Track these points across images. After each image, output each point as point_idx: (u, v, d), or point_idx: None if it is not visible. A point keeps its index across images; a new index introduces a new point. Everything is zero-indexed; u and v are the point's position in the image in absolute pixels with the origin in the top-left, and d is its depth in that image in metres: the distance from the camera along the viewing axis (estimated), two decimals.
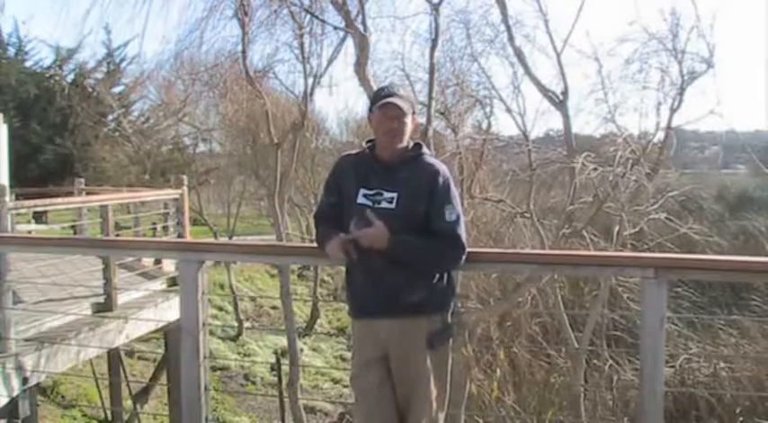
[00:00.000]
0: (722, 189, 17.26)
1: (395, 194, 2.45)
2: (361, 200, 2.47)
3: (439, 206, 2.45)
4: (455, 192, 2.53)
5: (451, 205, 2.47)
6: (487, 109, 9.65)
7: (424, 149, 2.57)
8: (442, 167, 2.55)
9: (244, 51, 9.31)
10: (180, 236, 7.22)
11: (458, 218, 2.48)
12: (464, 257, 2.50)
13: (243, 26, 9.04)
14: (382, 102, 2.45)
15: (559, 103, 7.69)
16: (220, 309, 14.47)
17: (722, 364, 8.20)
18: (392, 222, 2.38)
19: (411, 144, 2.55)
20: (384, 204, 2.44)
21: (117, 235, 7.32)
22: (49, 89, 20.05)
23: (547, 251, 6.01)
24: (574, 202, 7.58)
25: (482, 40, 9.09)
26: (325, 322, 15.62)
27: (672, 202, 8.88)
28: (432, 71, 7.29)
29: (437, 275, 2.52)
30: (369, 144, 2.61)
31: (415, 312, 2.46)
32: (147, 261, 7.24)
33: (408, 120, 2.48)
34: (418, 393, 2.47)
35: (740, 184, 17.58)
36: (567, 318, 8.15)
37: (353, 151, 2.71)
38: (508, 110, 8.94)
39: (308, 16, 8.96)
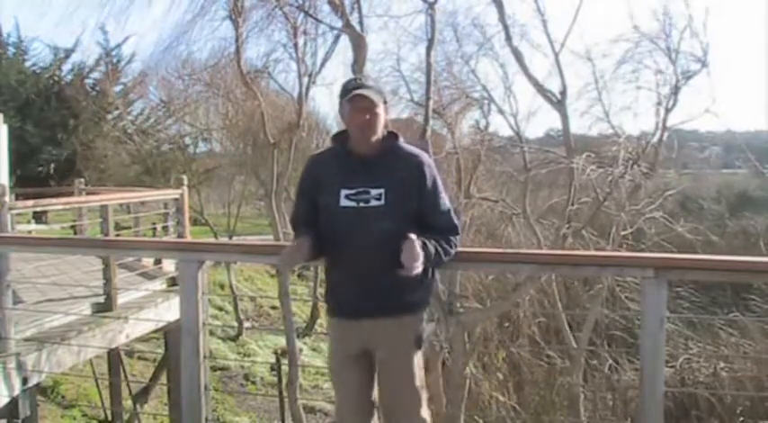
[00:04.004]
0: (722, 189, 17.27)
1: (381, 190, 2.38)
2: (344, 202, 2.39)
3: (433, 198, 2.43)
4: (439, 177, 2.50)
5: (441, 193, 2.46)
6: (485, 109, 9.69)
7: (400, 138, 2.50)
8: (425, 156, 2.50)
9: (238, 52, 9.33)
10: (180, 236, 7.21)
11: (449, 206, 2.48)
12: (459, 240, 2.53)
13: (236, 27, 9.04)
14: (351, 94, 2.37)
15: (558, 102, 7.70)
16: (220, 309, 14.45)
17: (722, 364, 8.20)
18: (384, 220, 2.35)
19: (385, 133, 2.47)
20: (373, 202, 2.37)
21: (117, 235, 7.31)
22: (48, 89, 20.04)
23: (547, 251, 6.02)
24: (573, 202, 7.59)
25: (474, 43, 9.17)
26: (325, 322, 15.57)
27: (671, 201, 8.90)
28: (428, 71, 7.30)
29: (423, 274, 2.47)
30: (337, 139, 2.53)
31: (402, 311, 2.45)
32: (147, 261, 7.23)
33: (380, 110, 2.40)
34: (405, 389, 2.47)
35: (740, 184, 17.58)
36: (566, 318, 8.15)
37: (322, 150, 2.63)
38: (500, 111, 8.98)
39: (303, 16, 8.98)
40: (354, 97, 2.37)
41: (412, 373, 2.47)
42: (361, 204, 2.38)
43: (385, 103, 2.45)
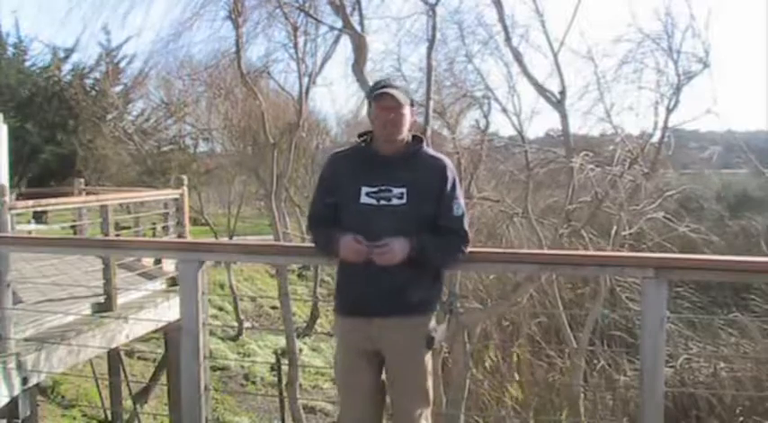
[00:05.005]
0: (722, 189, 17.24)
1: (404, 190, 2.39)
2: (364, 199, 2.40)
3: (449, 201, 2.45)
4: (459, 182, 2.53)
5: (458, 199, 2.47)
6: (485, 108, 9.68)
7: (425, 142, 2.54)
8: (447, 161, 2.53)
9: (238, 52, 9.34)
10: (180, 236, 7.21)
11: (463, 211, 2.49)
12: (468, 249, 2.53)
13: (237, 27, 9.06)
14: (378, 92, 2.41)
15: (557, 102, 7.70)
16: (220, 309, 14.45)
17: (722, 364, 8.19)
18: (402, 219, 2.35)
19: (410, 137, 2.51)
20: (395, 201, 2.38)
21: (117, 235, 7.31)
22: (48, 89, 20.05)
23: (546, 251, 6.01)
24: (572, 201, 7.59)
25: (478, 41, 9.16)
26: (326, 322, 15.60)
27: (672, 201, 8.89)
28: (429, 71, 7.30)
29: (434, 275, 2.52)
30: (362, 139, 2.54)
31: (413, 311, 2.45)
32: (147, 261, 7.23)
33: (406, 111, 2.42)
34: (414, 392, 2.47)
35: (740, 184, 17.56)
36: (566, 318, 8.15)
37: (345, 148, 2.64)
38: (504, 110, 8.98)
39: (302, 16, 8.99)
40: (381, 95, 2.40)
41: (421, 375, 2.47)
42: (382, 202, 2.39)
43: (412, 105, 2.47)
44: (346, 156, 2.58)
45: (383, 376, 2.54)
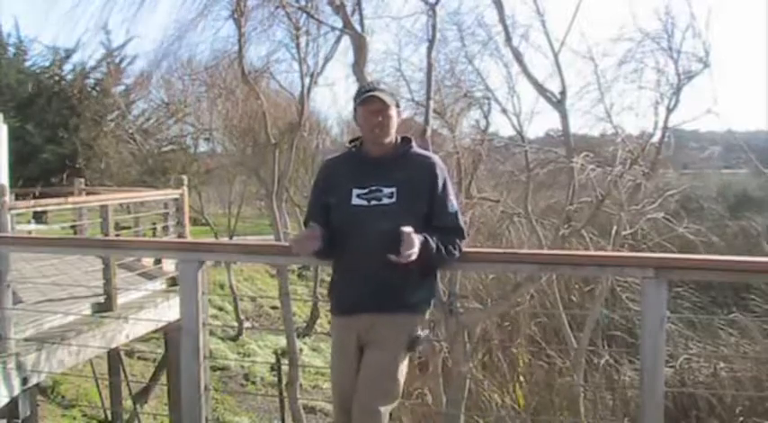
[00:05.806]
0: (722, 189, 17.24)
1: (393, 189, 2.42)
2: (355, 201, 2.44)
3: (442, 199, 2.47)
4: (450, 180, 2.55)
5: (450, 196, 2.49)
6: (485, 108, 9.68)
7: (413, 143, 2.57)
8: (437, 159, 2.55)
9: (240, 52, 9.35)
10: (180, 236, 7.21)
11: (457, 208, 2.52)
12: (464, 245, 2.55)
13: (239, 27, 9.07)
14: (364, 96, 2.44)
15: (557, 102, 7.69)
16: (220, 309, 14.46)
17: (722, 364, 8.19)
18: (394, 218, 2.35)
19: (399, 138, 2.54)
20: (385, 200, 2.41)
21: (117, 235, 7.30)
22: (49, 88, 20.05)
23: (546, 251, 6.01)
24: (573, 201, 7.58)
25: (478, 42, 9.15)
26: (326, 322, 15.58)
27: (672, 202, 8.89)
28: (429, 71, 7.29)
29: (429, 274, 2.53)
30: (353, 143, 2.59)
31: (406, 309, 2.46)
32: (147, 261, 7.23)
33: (393, 112, 2.46)
34: (376, 383, 2.42)
35: (740, 184, 17.56)
36: (566, 318, 8.15)
37: (337, 153, 2.70)
38: (504, 110, 8.97)
39: (304, 16, 8.99)
40: (367, 99, 2.44)
41: (390, 374, 2.42)
42: (373, 202, 2.42)
43: (398, 106, 2.51)
44: (339, 160, 2.63)
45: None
